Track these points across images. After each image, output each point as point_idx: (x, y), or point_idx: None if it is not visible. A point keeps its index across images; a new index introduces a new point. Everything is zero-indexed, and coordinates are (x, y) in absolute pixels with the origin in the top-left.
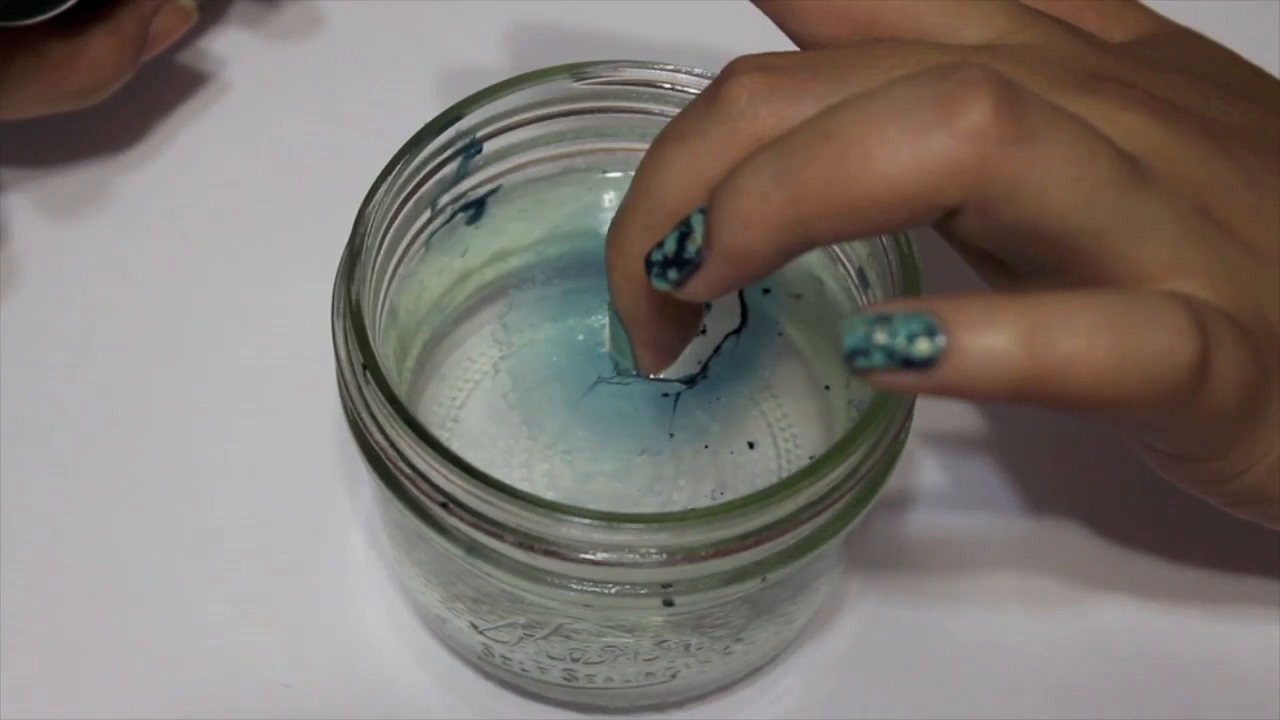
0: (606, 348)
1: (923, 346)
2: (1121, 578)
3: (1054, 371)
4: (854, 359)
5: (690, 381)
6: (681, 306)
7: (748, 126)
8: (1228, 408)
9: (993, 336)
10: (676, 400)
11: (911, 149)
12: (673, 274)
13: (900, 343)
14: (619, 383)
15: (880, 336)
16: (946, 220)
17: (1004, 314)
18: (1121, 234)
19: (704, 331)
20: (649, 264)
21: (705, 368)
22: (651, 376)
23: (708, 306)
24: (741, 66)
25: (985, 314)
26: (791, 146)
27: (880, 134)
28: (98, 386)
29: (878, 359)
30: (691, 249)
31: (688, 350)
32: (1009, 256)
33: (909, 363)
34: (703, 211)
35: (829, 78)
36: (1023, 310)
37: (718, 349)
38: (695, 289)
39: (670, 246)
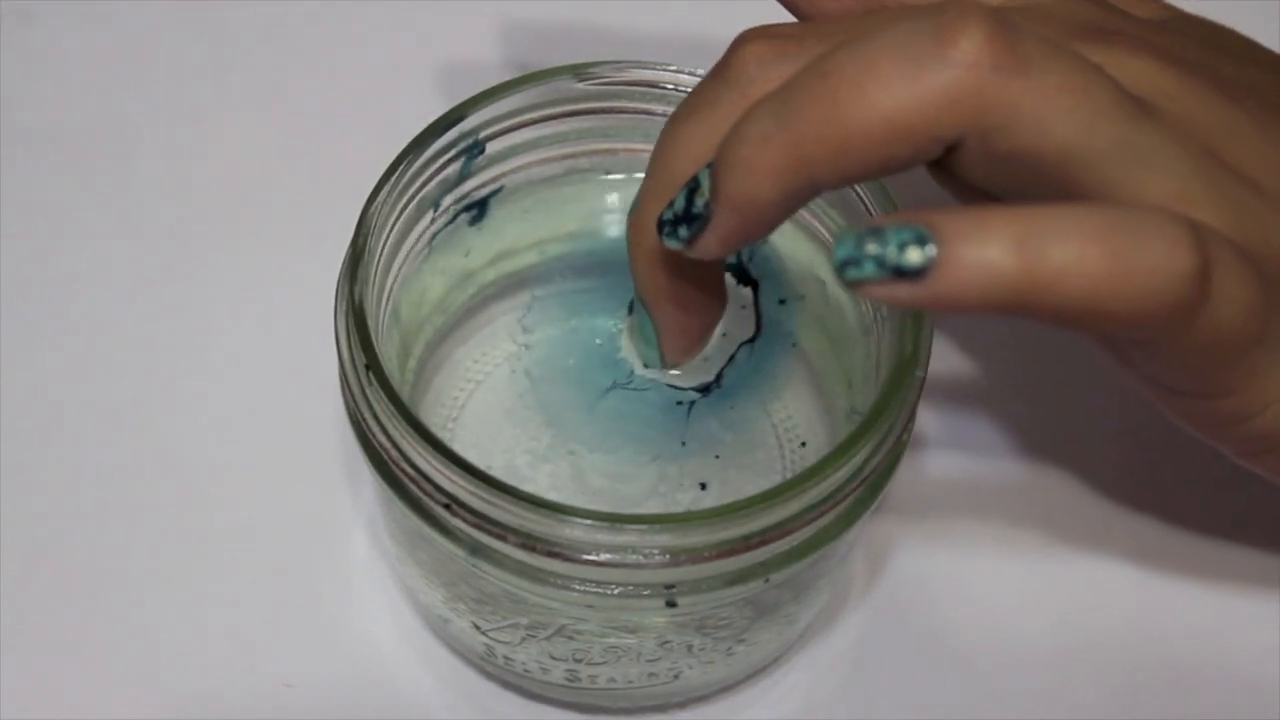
0: (623, 351)
1: (913, 255)
2: (1131, 563)
3: (1046, 281)
4: (845, 269)
5: (705, 390)
6: (702, 284)
7: (756, 92)
8: (1232, 331)
9: (984, 245)
10: (690, 408)
11: (906, 81)
12: (683, 231)
13: (891, 252)
14: (633, 388)
15: (871, 247)
16: (948, 158)
17: (996, 223)
18: (1122, 165)
19: (724, 334)
20: (661, 225)
21: (720, 376)
22: (668, 378)
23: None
24: (749, 36)
25: (977, 224)
26: (790, 89)
27: (876, 69)
28: (98, 386)
29: (869, 269)
30: (700, 203)
31: (702, 360)
32: (1012, 195)
33: (900, 272)
34: (711, 166)
35: (836, 40)
36: (1015, 219)
37: (732, 358)
38: (707, 244)
39: (680, 204)
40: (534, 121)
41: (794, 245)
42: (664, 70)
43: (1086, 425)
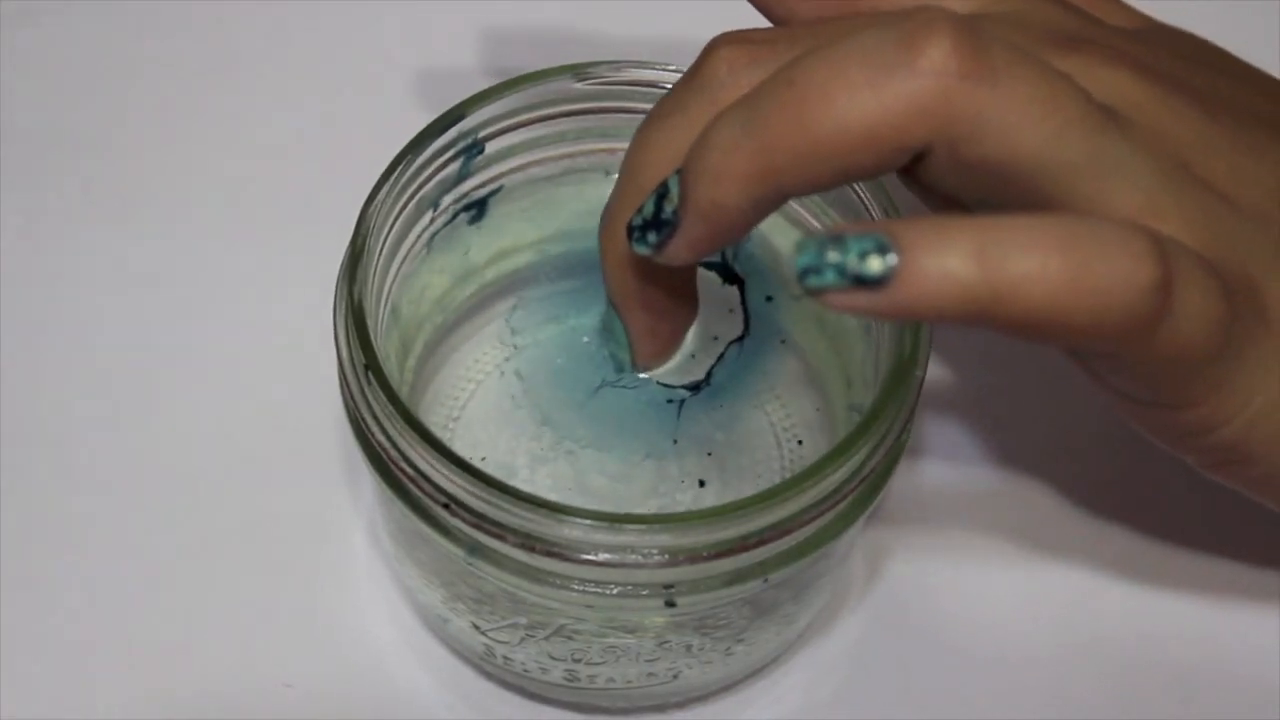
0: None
1: (874, 264)
2: (1130, 569)
3: (1006, 291)
4: (806, 277)
5: (694, 388)
6: (673, 290)
7: (728, 97)
8: (1196, 344)
9: (944, 254)
10: (680, 407)
11: (873, 88)
12: (652, 236)
13: (852, 260)
14: (624, 386)
15: (832, 255)
16: (916, 166)
17: (957, 233)
18: (1092, 176)
19: (715, 338)
20: (630, 231)
21: (709, 375)
22: (648, 375)
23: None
24: (721, 41)
25: (938, 233)
26: (757, 96)
27: (842, 76)
28: (98, 387)
29: (829, 277)
30: (668, 209)
31: (694, 360)
32: (982, 204)
33: (860, 281)
34: (679, 173)
35: (808, 45)
36: (976, 229)
37: (721, 357)
38: (675, 251)
39: (649, 210)
40: (533, 121)
41: (788, 241)
42: (663, 70)
43: (1082, 431)
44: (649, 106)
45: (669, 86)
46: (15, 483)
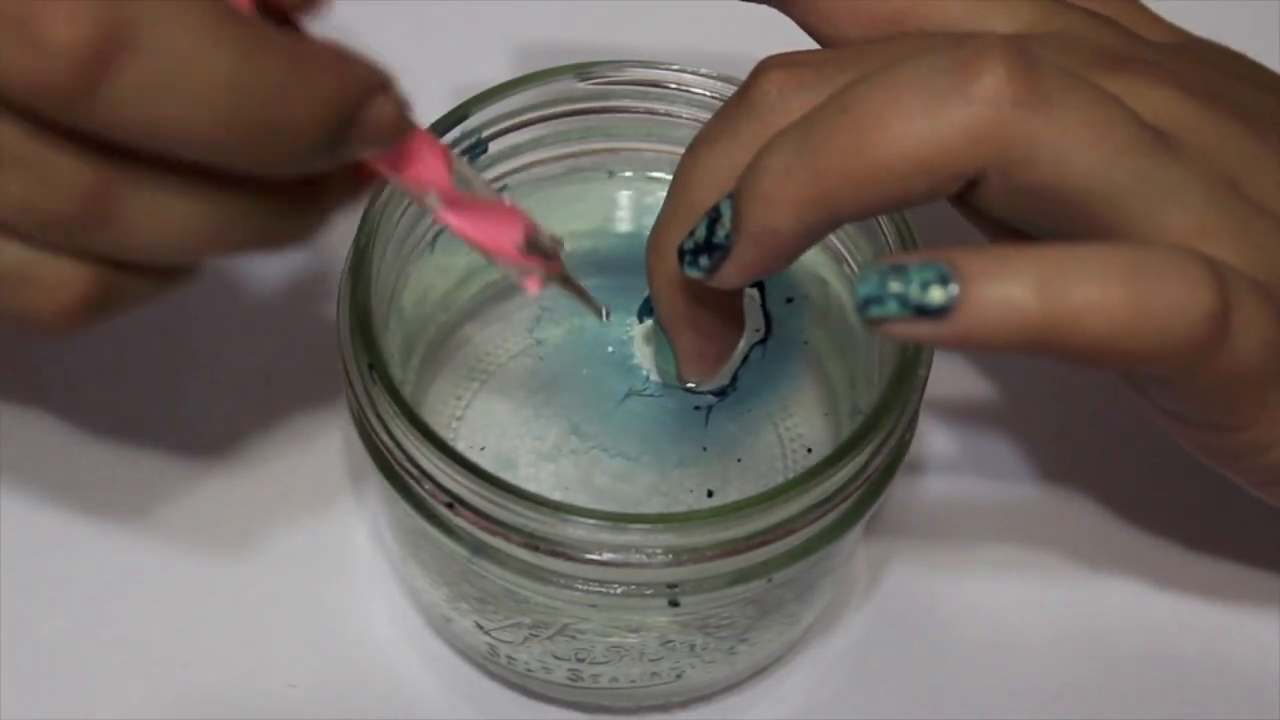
0: (637, 358)
1: (936, 295)
2: (1132, 573)
3: (1067, 320)
4: (868, 308)
5: (721, 393)
6: (721, 311)
7: (778, 121)
8: (1251, 368)
9: (1006, 284)
10: (709, 413)
11: (927, 115)
12: (704, 260)
13: (914, 290)
14: (650, 395)
15: (894, 285)
16: (970, 191)
17: (1018, 263)
18: (1144, 199)
19: (756, 331)
20: (681, 254)
21: (734, 379)
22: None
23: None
24: (770, 64)
25: (999, 263)
26: (811, 122)
27: (896, 103)
28: (98, 385)
29: (891, 307)
30: (721, 234)
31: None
32: (1033, 228)
33: (923, 311)
34: (732, 197)
35: (856, 68)
36: (1036, 259)
37: (745, 359)
38: (727, 275)
39: (701, 233)
40: (536, 120)
41: None
42: (666, 69)
43: (1085, 434)
44: (653, 105)
45: (671, 86)
46: (16, 483)
